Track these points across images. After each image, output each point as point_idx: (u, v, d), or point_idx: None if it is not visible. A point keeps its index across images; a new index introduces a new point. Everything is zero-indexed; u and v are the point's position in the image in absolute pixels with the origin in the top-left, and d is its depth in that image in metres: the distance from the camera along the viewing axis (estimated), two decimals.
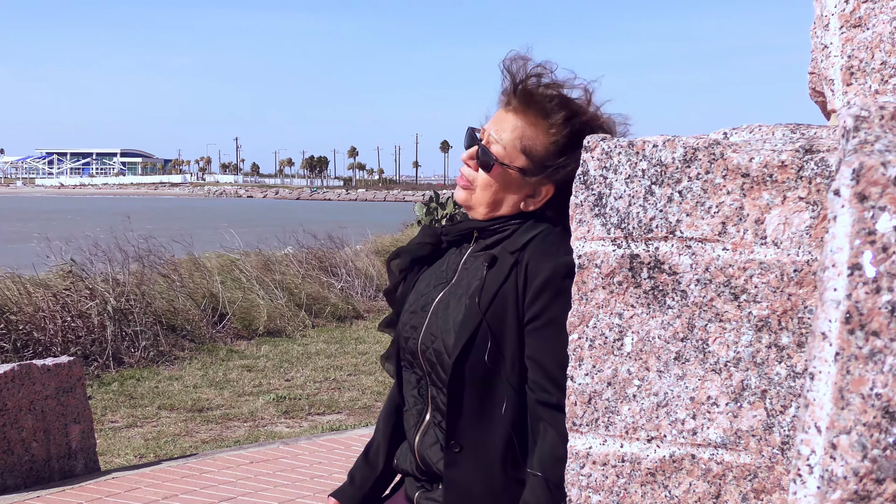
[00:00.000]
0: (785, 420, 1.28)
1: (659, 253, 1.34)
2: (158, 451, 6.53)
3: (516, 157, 1.84)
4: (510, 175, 1.85)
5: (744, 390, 1.30)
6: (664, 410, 1.34)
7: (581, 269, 1.40)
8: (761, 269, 1.28)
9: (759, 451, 1.29)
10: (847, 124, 1.05)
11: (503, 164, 1.85)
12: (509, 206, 1.89)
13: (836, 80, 1.41)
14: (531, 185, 1.86)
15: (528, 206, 1.88)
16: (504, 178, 1.86)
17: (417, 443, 1.94)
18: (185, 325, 10.38)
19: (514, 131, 1.85)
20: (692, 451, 1.32)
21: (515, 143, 1.84)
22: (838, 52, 1.39)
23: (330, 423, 7.40)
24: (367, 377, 9.03)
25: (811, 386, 0.97)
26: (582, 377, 1.39)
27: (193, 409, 7.81)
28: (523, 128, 1.84)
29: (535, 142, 1.84)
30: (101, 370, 8.91)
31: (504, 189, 1.87)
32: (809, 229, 1.26)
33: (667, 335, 1.34)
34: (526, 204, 1.88)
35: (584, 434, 1.39)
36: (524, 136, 1.84)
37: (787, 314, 1.27)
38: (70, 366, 5.63)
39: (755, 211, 1.29)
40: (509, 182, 1.86)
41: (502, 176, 1.86)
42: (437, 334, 1.88)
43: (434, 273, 2.00)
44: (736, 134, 1.41)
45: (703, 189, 1.32)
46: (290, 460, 5.88)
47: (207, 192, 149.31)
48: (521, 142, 1.84)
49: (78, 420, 5.62)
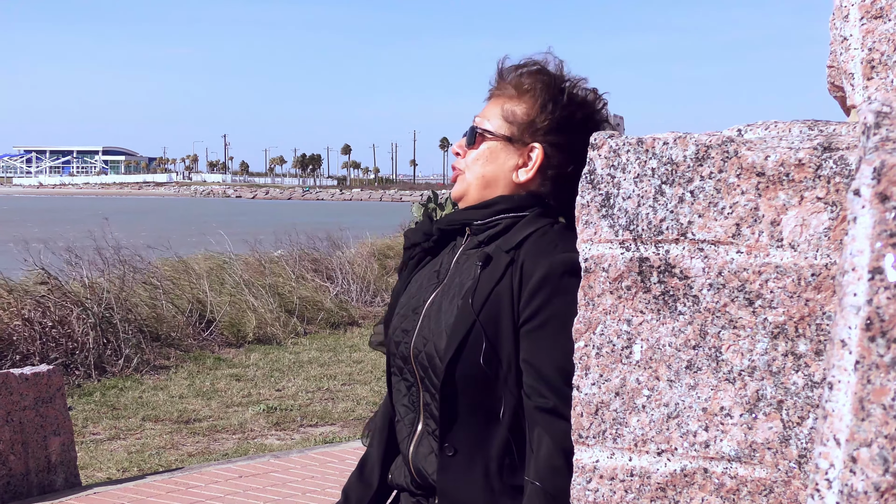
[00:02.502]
0: (802, 432, 1.28)
1: (669, 256, 1.34)
2: (142, 465, 6.52)
3: (500, 126, 1.96)
4: (496, 144, 1.95)
5: (759, 401, 1.30)
6: (675, 422, 1.34)
7: (588, 273, 1.40)
8: (777, 273, 1.28)
9: (775, 465, 1.29)
10: (868, 120, 1.05)
11: (488, 132, 1.96)
12: (502, 180, 1.94)
13: (855, 74, 1.41)
14: (520, 152, 1.94)
15: (521, 176, 1.94)
16: (491, 148, 1.96)
17: (411, 454, 1.94)
18: (171, 331, 10.38)
19: (495, 107, 1.98)
20: (704, 464, 1.32)
21: (497, 114, 1.96)
22: (858, 45, 1.40)
23: (323, 435, 7.39)
24: (363, 387, 9.03)
25: (830, 396, 0.97)
26: (588, 387, 1.39)
27: (179, 420, 7.80)
28: (503, 102, 1.97)
29: (516, 109, 1.95)
30: (83, 379, 8.90)
31: (492, 160, 1.95)
32: (828, 231, 1.26)
33: (678, 343, 1.34)
34: (518, 175, 1.94)
35: (590, 447, 1.39)
36: (504, 109, 1.96)
37: (804, 320, 1.27)
38: (49, 375, 5.63)
39: (771, 212, 1.29)
40: (496, 152, 1.95)
41: (489, 147, 1.96)
42: (429, 337, 1.89)
43: (427, 274, 2.01)
44: (751, 131, 1.41)
45: (717, 189, 1.32)
46: (280, 474, 5.88)
47: (194, 191, 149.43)
48: (502, 112, 1.96)
49: (58, 432, 5.61)
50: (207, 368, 9.76)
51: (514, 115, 1.94)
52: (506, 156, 1.94)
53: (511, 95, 1.96)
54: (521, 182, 1.93)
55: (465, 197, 1.98)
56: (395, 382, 2.00)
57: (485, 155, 1.95)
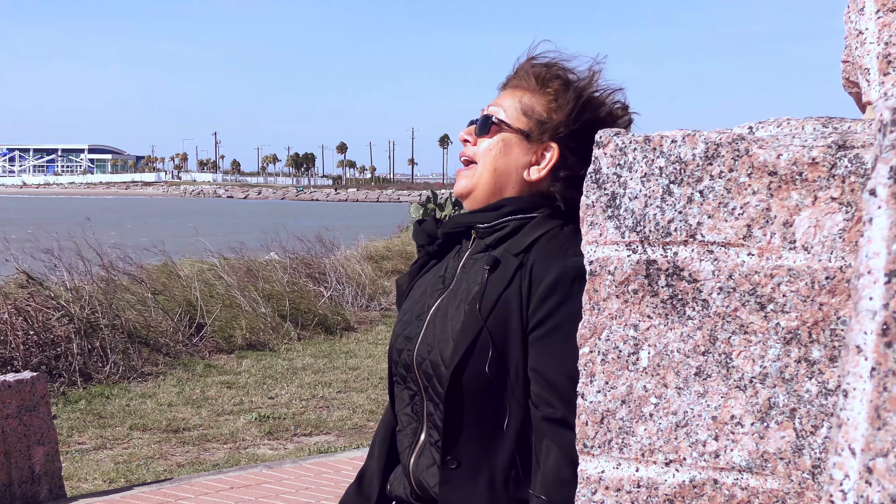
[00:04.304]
0: (816, 441, 1.28)
1: (678, 258, 1.34)
2: (130, 476, 6.52)
3: (517, 119, 1.94)
4: (511, 137, 1.93)
5: (771, 409, 1.30)
6: (684, 431, 1.34)
7: (593, 276, 1.40)
8: (790, 276, 1.28)
9: (788, 476, 1.29)
10: (884, 117, 1.05)
11: (503, 122, 1.93)
12: (513, 178, 1.93)
13: (871, 70, 1.41)
14: (534, 150, 1.93)
15: (532, 174, 1.93)
16: (505, 140, 1.94)
17: (412, 465, 1.94)
18: (159, 337, 10.38)
19: (513, 98, 1.95)
20: (714, 475, 1.32)
21: (516, 105, 1.94)
22: (874, 39, 1.40)
23: (317, 444, 7.40)
24: (359, 394, 9.03)
25: (845, 404, 0.97)
26: (593, 394, 1.39)
27: (168, 429, 7.80)
28: (522, 95, 1.95)
29: (534, 103, 1.93)
30: (67, 387, 8.90)
31: (505, 153, 1.93)
32: (843, 232, 1.26)
33: (686, 348, 1.34)
34: (530, 173, 1.93)
35: (595, 457, 1.39)
36: (523, 101, 1.94)
37: (818, 326, 1.27)
38: (33, 382, 5.62)
39: (783, 212, 1.29)
40: (510, 146, 1.93)
41: (503, 139, 1.94)
42: (434, 344, 1.89)
43: (431, 279, 2.01)
44: (762, 128, 1.41)
45: (727, 189, 1.32)
46: (273, 486, 5.87)
47: (184, 191, 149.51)
48: (520, 104, 1.94)
49: (42, 441, 5.61)
50: (197, 375, 9.75)
51: (532, 109, 1.93)
52: (519, 150, 1.93)
53: (532, 89, 1.94)
54: (532, 180, 1.92)
55: (473, 193, 1.95)
56: (398, 391, 2.00)
57: (498, 146, 1.94)
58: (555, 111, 1.91)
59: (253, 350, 11.05)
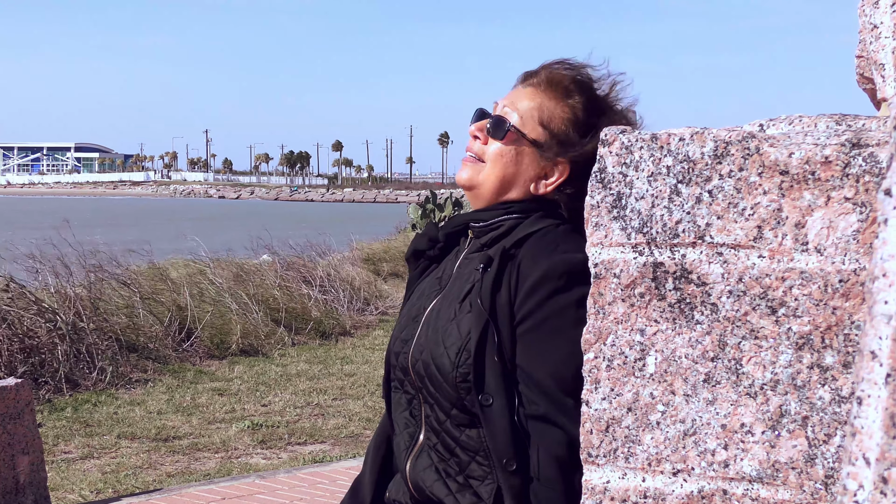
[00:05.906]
0: (829, 450, 1.28)
1: (686, 261, 1.34)
2: (118, 486, 6.52)
3: (533, 129, 1.91)
4: (524, 147, 1.92)
5: (782, 417, 1.30)
6: (692, 440, 1.34)
7: (598, 280, 1.40)
8: (802, 279, 1.28)
9: (800, 486, 1.29)
10: None
11: (519, 131, 1.91)
12: (519, 186, 1.93)
13: (886, 65, 1.41)
14: (545, 164, 1.92)
15: (540, 188, 1.93)
16: (518, 149, 1.92)
17: (409, 468, 1.96)
18: (148, 342, 10.37)
19: (532, 101, 1.92)
20: (724, 485, 1.32)
21: (533, 113, 1.92)
22: (889, 33, 1.40)
23: (312, 454, 7.39)
24: (355, 402, 9.02)
25: (859, 412, 0.97)
26: (598, 402, 1.39)
27: (157, 438, 7.80)
28: (542, 101, 1.92)
29: (554, 115, 1.91)
30: (53, 394, 8.90)
31: (516, 162, 1.92)
32: (857, 234, 1.26)
33: (695, 354, 1.34)
34: (537, 186, 1.93)
35: (601, 466, 1.39)
36: (542, 108, 1.91)
37: (831, 330, 1.27)
38: (17, 389, 5.62)
39: (795, 213, 1.29)
40: (522, 156, 1.92)
41: (516, 147, 1.92)
42: (426, 345, 1.92)
43: (429, 282, 2.05)
44: (773, 126, 1.41)
45: (737, 188, 1.32)
46: (267, 496, 5.87)
47: (174, 191, 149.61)
48: (538, 112, 1.91)
49: (26, 451, 5.61)
50: (188, 382, 9.75)
51: (551, 120, 1.91)
52: (529, 161, 1.93)
53: (554, 97, 1.92)
54: (538, 193, 1.94)
55: (477, 189, 1.97)
56: (396, 396, 2.02)
57: (511, 154, 1.93)
58: (573, 127, 1.90)
59: (245, 356, 11.04)
